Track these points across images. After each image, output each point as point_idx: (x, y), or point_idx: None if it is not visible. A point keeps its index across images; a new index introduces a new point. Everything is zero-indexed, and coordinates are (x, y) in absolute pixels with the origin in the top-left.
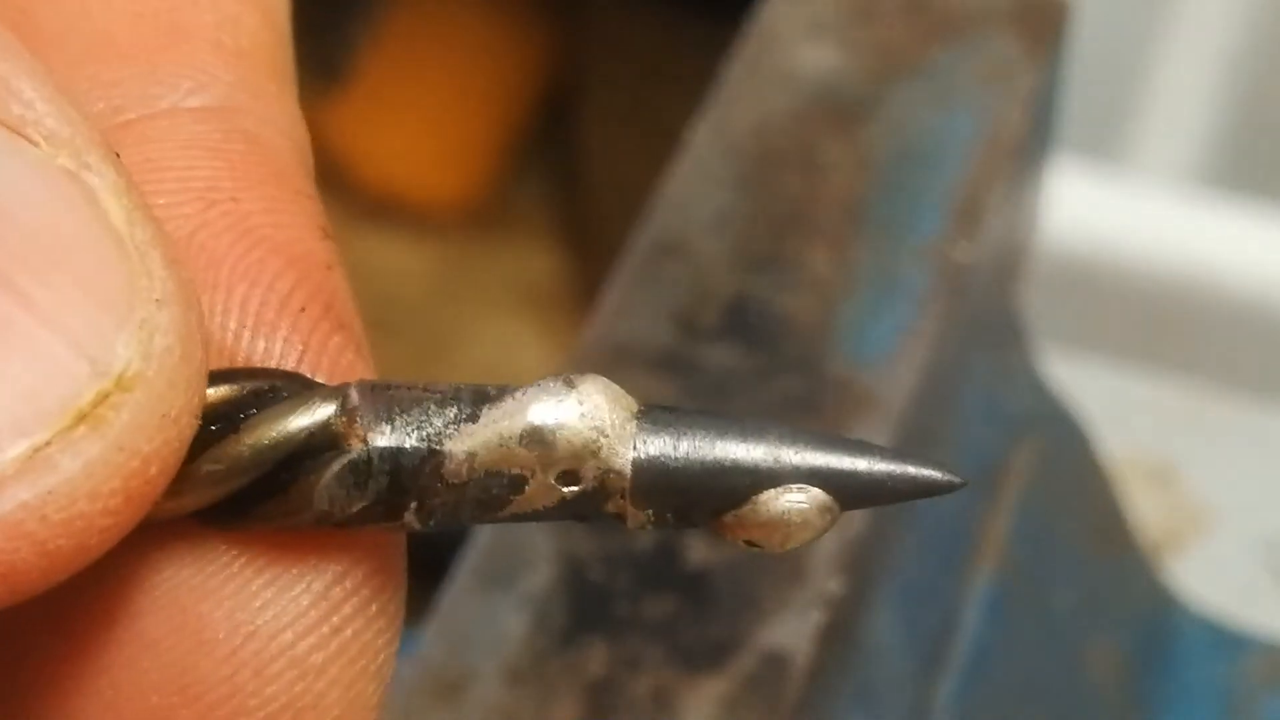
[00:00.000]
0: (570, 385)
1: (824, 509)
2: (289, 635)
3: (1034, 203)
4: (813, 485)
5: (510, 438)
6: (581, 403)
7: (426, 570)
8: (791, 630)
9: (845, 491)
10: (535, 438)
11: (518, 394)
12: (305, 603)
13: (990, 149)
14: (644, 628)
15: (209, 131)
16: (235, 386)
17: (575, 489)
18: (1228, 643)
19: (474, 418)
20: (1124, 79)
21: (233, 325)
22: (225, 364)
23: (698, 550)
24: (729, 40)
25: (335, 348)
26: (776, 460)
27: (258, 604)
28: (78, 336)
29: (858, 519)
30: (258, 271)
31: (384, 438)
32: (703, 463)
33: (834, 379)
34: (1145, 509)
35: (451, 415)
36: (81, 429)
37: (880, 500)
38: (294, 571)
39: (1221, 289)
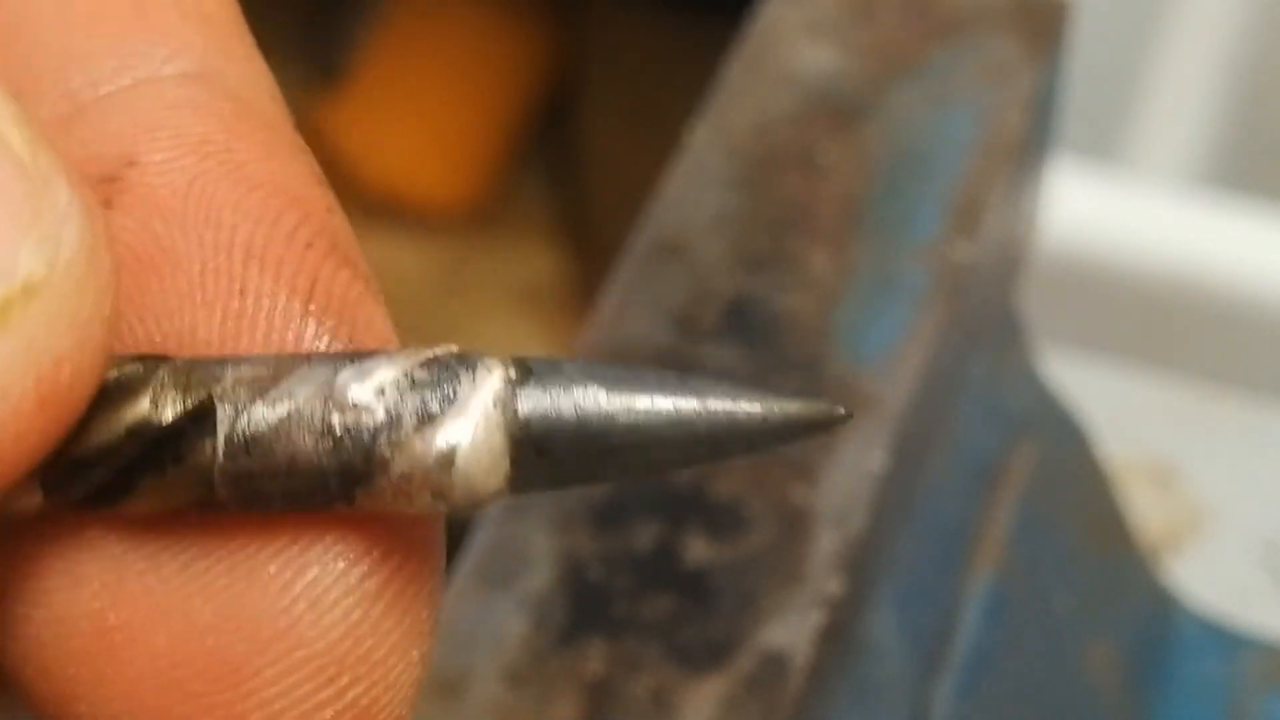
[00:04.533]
0: (434, 423)
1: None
2: (332, 595)
3: (1034, 203)
4: (699, 450)
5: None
6: (449, 443)
7: None
8: (791, 630)
9: (729, 441)
10: (412, 481)
11: (399, 428)
12: (336, 570)
13: (989, 149)
14: (643, 628)
15: (193, 94)
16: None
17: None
18: (1227, 643)
19: (326, 431)
20: (1124, 79)
21: (239, 261)
22: (236, 301)
23: (697, 550)
24: (729, 40)
25: (344, 282)
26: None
27: (289, 576)
28: None
29: (858, 519)
30: (260, 211)
31: (210, 439)
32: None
33: (834, 379)
34: (1145, 509)
35: (286, 411)
36: None
37: (769, 446)
38: (315, 541)
39: (1221, 289)
